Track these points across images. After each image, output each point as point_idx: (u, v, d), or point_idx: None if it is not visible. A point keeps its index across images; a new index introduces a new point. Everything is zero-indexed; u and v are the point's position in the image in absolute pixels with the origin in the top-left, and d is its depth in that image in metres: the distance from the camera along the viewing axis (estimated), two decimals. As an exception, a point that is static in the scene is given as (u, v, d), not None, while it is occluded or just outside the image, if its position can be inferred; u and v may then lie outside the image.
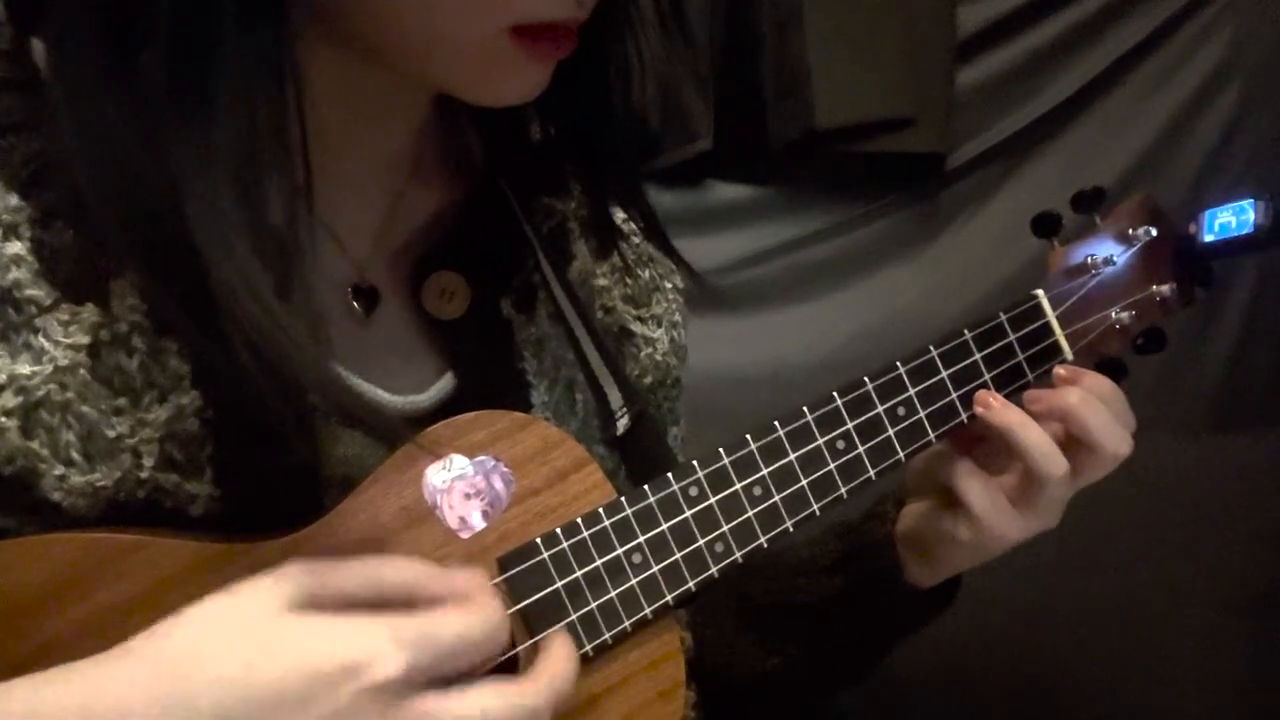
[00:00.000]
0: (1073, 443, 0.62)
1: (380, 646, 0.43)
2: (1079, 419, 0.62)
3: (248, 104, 0.44)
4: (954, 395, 0.64)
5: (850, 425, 0.61)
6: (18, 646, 0.46)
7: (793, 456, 0.60)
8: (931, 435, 0.63)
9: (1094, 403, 0.62)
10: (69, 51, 0.45)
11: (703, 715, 0.70)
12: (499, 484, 0.54)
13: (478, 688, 0.46)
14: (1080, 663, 1.38)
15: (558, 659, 0.51)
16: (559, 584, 0.54)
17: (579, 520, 0.55)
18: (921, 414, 0.63)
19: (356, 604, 0.45)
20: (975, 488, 0.63)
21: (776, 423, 0.60)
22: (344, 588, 0.46)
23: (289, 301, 0.45)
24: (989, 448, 0.64)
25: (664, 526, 0.57)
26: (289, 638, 0.43)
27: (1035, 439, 0.61)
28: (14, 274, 0.48)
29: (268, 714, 0.41)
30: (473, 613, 0.47)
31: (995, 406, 0.63)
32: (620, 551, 0.56)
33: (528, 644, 0.54)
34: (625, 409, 0.63)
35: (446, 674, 0.45)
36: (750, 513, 0.59)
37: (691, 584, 0.58)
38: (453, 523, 0.53)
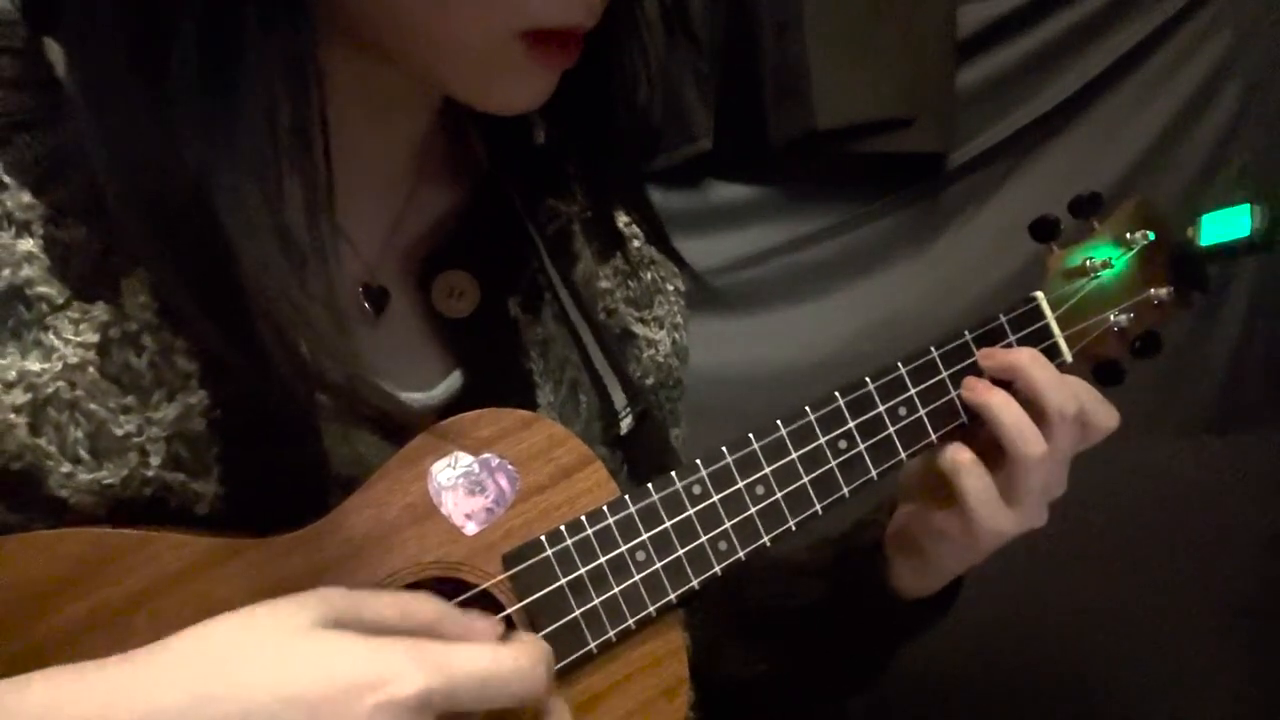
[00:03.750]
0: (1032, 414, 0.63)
1: (402, 665, 0.43)
2: (1026, 374, 0.62)
3: (271, 104, 0.45)
4: (954, 394, 0.64)
5: (852, 424, 0.62)
6: (24, 640, 0.46)
7: (795, 455, 0.60)
8: (933, 436, 0.64)
9: (1042, 360, 0.63)
10: (91, 51, 0.46)
11: (702, 715, 0.70)
12: (504, 481, 0.54)
13: None
14: (1080, 663, 1.39)
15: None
16: (563, 581, 0.55)
17: (583, 518, 0.55)
18: (922, 413, 0.63)
19: (384, 631, 0.46)
20: (971, 481, 0.63)
21: (779, 421, 0.60)
22: (373, 613, 0.46)
23: (313, 297, 0.46)
24: (977, 449, 0.65)
25: (667, 524, 0.57)
26: (316, 651, 0.43)
27: (1014, 418, 0.61)
28: (25, 271, 0.48)
29: (292, 718, 0.41)
30: (505, 651, 0.47)
31: (978, 387, 0.63)
32: (624, 549, 0.56)
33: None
34: (628, 409, 0.64)
35: (469, 704, 0.45)
36: (753, 510, 0.59)
37: (695, 582, 0.58)
38: (457, 520, 0.53)
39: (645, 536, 0.57)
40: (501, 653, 0.47)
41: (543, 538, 0.55)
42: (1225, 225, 0.68)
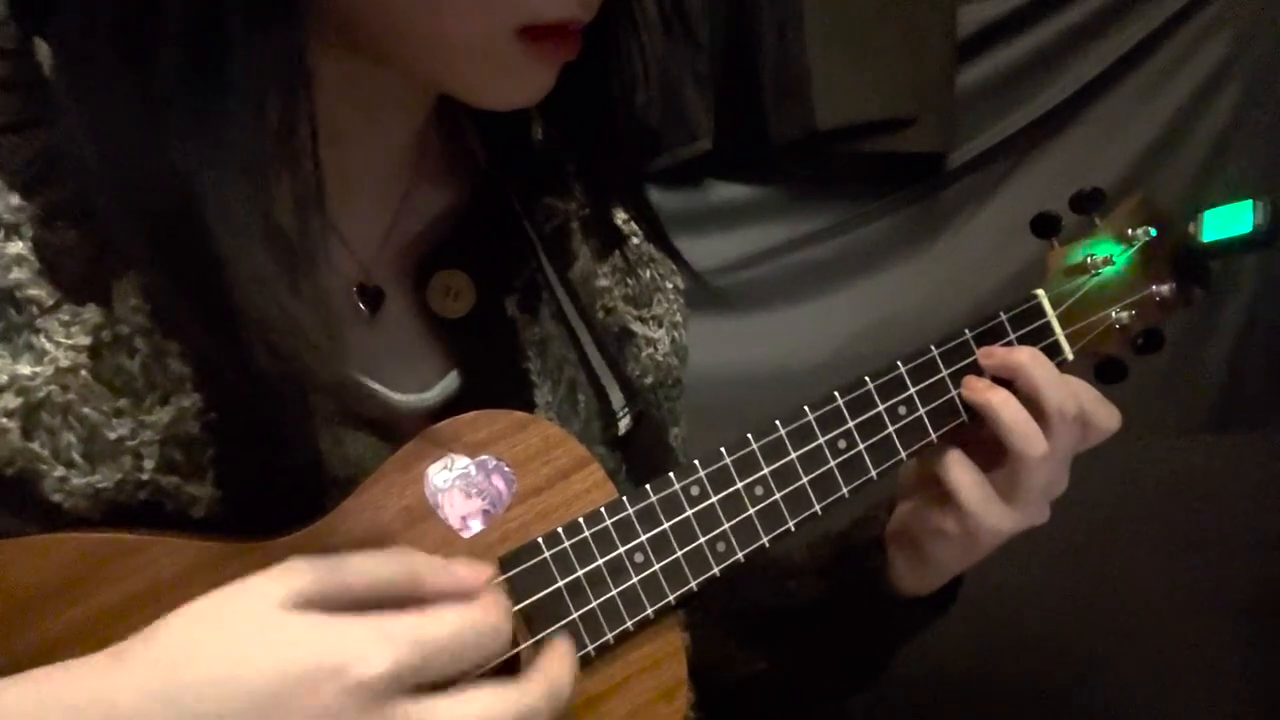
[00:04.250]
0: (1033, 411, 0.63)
1: (365, 646, 0.42)
2: (1026, 372, 0.62)
3: (260, 104, 0.44)
4: (954, 393, 0.64)
5: (851, 424, 0.61)
6: (18, 645, 0.46)
7: (794, 455, 0.60)
8: (933, 435, 0.63)
9: (1042, 358, 0.63)
10: (81, 52, 0.46)
11: (702, 716, 0.70)
12: (500, 483, 0.54)
13: (474, 689, 0.45)
14: (1080, 663, 1.39)
15: (557, 661, 0.50)
16: (560, 583, 0.54)
17: (580, 519, 0.55)
18: (922, 412, 0.63)
19: (357, 598, 0.45)
20: (964, 479, 0.63)
21: (778, 422, 0.60)
22: (344, 581, 0.46)
23: (303, 300, 0.45)
24: (978, 448, 0.65)
25: (665, 525, 0.57)
26: (275, 638, 0.43)
27: (1015, 416, 0.61)
28: (15, 274, 0.48)
29: (252, 714, 0.41)
30: (472, 610, 0.46)
31: (978, 386, 0.63)
32: (622, 550, 0.56)
33: (529, 643, 0.54)
34: (627, 409, 0.64)
35: (441, 674, 0.45)
36: (751, 511, 0.59)
37: (693, 583, 0.58)
38: (454, 522, 0.53)
39: (643, 538, 0.56)
40: (469, 614, 0.46)
41: (540, 540, 0.54)
42: (1227, 221, 0.68)
